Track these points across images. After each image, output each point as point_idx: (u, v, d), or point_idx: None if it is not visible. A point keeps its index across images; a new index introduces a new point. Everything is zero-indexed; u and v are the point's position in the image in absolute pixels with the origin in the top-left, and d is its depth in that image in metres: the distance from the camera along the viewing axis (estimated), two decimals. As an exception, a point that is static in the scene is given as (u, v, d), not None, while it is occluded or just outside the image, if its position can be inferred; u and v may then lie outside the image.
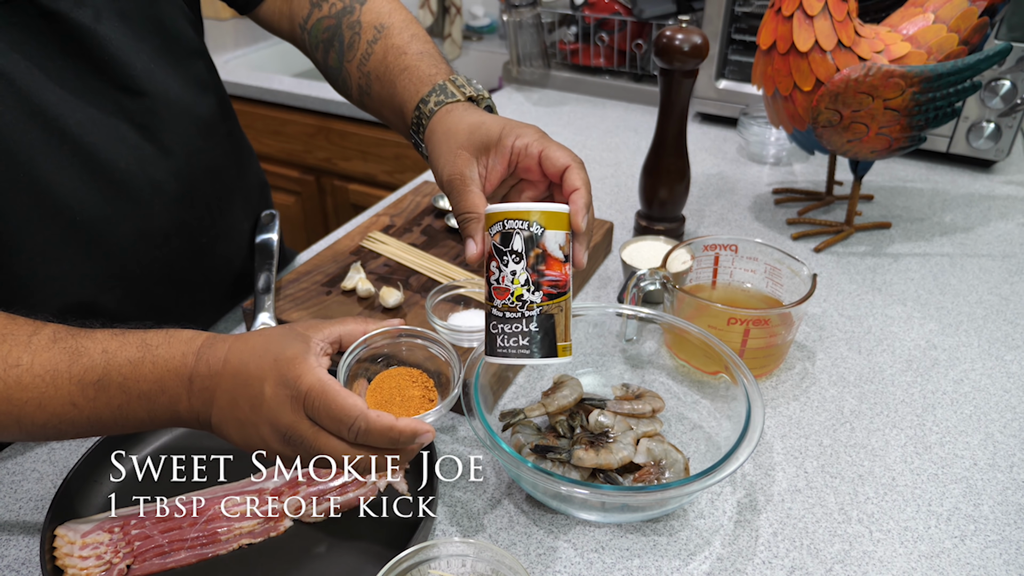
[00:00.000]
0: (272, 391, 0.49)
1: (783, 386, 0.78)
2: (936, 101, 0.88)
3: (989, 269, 0.98)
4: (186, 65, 0.76)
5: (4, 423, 0.52)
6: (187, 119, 0.75)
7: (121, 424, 0.54)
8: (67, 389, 0.52)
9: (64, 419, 0.52)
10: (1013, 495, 0.65)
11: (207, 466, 0.67)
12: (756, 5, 1.29)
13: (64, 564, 0.57)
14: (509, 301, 0.55)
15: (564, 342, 0.55)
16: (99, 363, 0.52)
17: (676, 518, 0.63)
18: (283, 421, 0.49)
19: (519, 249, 0.55)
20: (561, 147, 0.58)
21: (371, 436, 0.49)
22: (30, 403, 0.51)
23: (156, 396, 0.52)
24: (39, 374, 0.51)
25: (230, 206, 0.85)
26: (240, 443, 0.53)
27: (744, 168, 1.27)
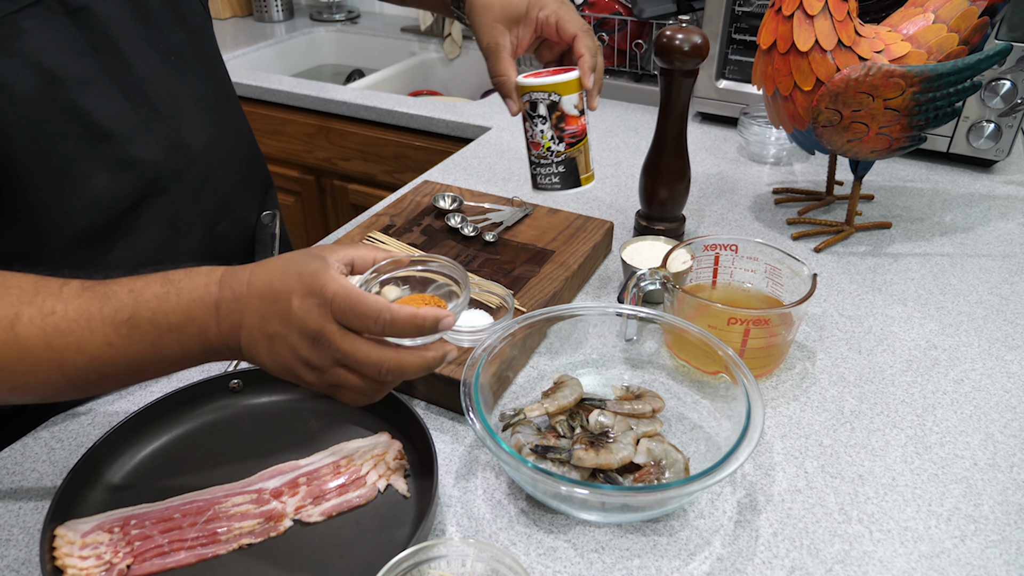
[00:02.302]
0: (299, 302, 0.52)
1: (783, 386, 0.78)
2: (936, 101, 0.88)
3: (989, 269, 0.98)
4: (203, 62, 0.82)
5: (48, 371, 0.54)
6: (201, 112, 0.81)
7: (156, 362, 0.56)
8: (102, 330, 0.54)
9: (103, 360, 0.54)
10: (1013, 495, 0.65)
11: (207, 466, 0.67)
12: (756, 5, 1.29)
13: (64, 564, 0.56)
14: (542, 152, 0.77)
15: (585, 174, 0.78)
16: (128, 302, 0.54)
17: (676, 518, 0.63)
18: (312, 327, 0.52)
19: (544, 114, 0.74)
20: (573, 17, 0.75)
21: (396, 326, 0.52)
22: (69, 347, 0.53)
23: (185, 326, 0.54)
24: (74, 319, 0.53)
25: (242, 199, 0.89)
26: (269, 360, 0.55)
27: (744, 168, 1.27)
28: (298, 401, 0.74)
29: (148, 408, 0.69)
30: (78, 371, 0.55)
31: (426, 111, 1.54)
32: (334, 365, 0.54)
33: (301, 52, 2.20)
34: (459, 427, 0.73)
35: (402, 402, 0.69)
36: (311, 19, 2.28)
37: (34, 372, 0.54)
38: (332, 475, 0.65)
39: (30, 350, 0.53)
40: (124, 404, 0.75)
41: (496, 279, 0.85)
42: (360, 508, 0.63)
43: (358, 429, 0.71)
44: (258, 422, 0.72)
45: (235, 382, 0.73)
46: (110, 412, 0.74)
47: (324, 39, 2.25)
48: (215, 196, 0.85)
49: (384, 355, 0.53)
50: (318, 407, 0.73)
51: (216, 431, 0.71)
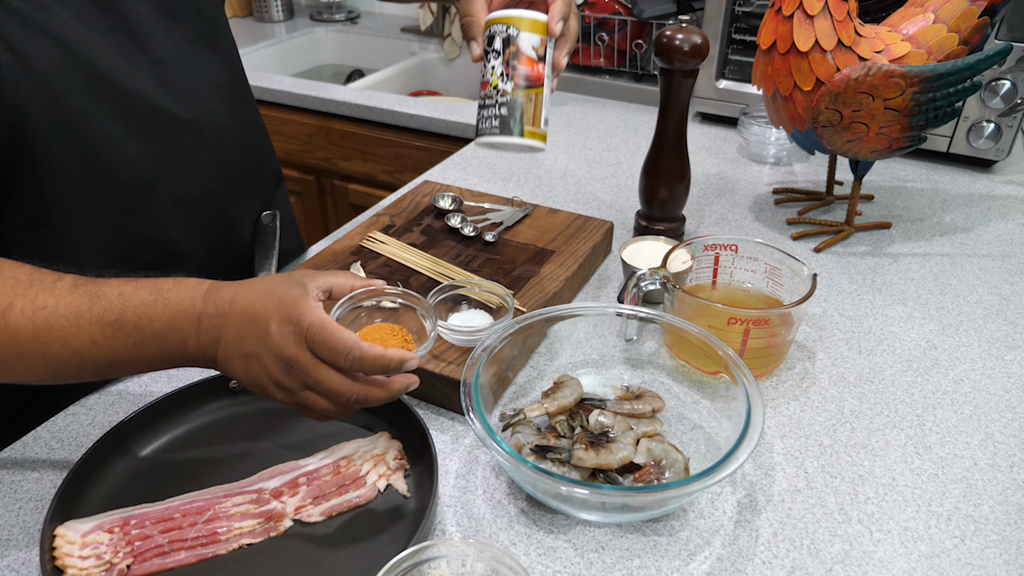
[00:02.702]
0: (277, 327, 0.56)
1: (783, 386, 0.78)
2: (936, 101, 0.88)
3: (989, 269, 0.98)
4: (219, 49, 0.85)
5: (31, 360, 0.57)
6: (215, 96, 0.83)
7: (135, 362, 0.59)
8: (88, 328, 0.57)
9: (85, 356, 0.57)
10: (1013, 495, 0.65)
11: (207, 466, 0.67)
12: (756, 5, 1.29)
13: (64, 564, 0.57)
14: (488, 91, 0.67)
15: (533, 128, 0.67)
16: (116, 305, 0.57)
17: (676, 518, 0.63)
18: (286, 352, 0.56)
19: (498, 48, 0.67)
20: None
21: (365, 363, 0.56)
22: (55, 341, 0.56)
23: (168, 334, 0.58)
24: (63, 315, 0.56)
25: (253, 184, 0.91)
26: (242, 375, 0.58)
27: (744, 168, 1.27)
28: (298, 401, 0.74)
29: (148, 408, 0.69)
30: (60, 364, 0.57)
31: (426, 111, 1.54)
32: (303, 389, 0.57)
33: (301, 52, 2.20)
34: (459, 427, 0.73)
35: (402, 402, 0.69)
36: (311, 19, 2.28)
37: (18, 360, 0.56)
38: (332, 475, 0.65)
39: (18, 340, 0.56)
40: (124, 404, 0.75)
41: (496, 279, 0.85)
42: (360, 508, 0.63)
43: (358, 429, 0.71)
44: (258, 422, 0.72)
45: (235, 382, 0.73)
46: (110, 412, 0.74)
47: (324, 39, 2.25)
48: (224, 180, 0.86)
49: (351, 387, 0.57)
50: (318, 407, 0.73)
51: (216, 431, 0.71)
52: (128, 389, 0.77)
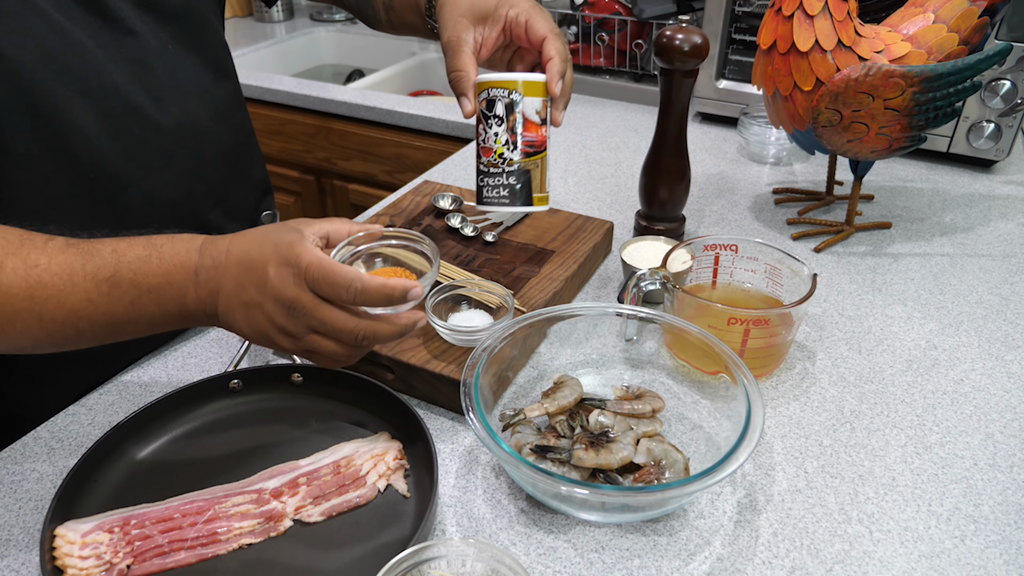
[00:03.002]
0: (275, 271, 0.55)
1: (783, 386, 0.78)
2: (936, 101, 0.88)
3: (989, 269, 0.98)
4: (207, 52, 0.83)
5: (26, 321, 0.55)
6: (198, 99, 0.81)
7: (134, 321, 0.58)
8: (83, 286, 0.55)
9: (82, 316, 0.56)
10: (1013, 495, 0.65)
11: (207, 466, 0.67)
12: (756, 5, 1.29)
13: (64, 564, 0.57)
14: (493, 159, 0.67)
15: (540, 193, 0.68)
16: (110, 261, 0.56)
17: (676, 518, 0.63)
18: (287, 295, 0.55)
19: (501, 114, 0.66)
20: (544, 19, 0.69)
21: (368, 295, 0.55)
22: (50, 300, 0.55)
23: (164, 289, 0.57)
24: (56, 272, 0.55)
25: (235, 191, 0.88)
26: (245, 326, 0.57)
27: (744, 168, 1.27)
28: (298, 401, 0.74)
29: (148, 408, 0.69)
30: (56, 324, 0.56)
31: (426, 111, 1.54)
32: (309, 332, 0.56)
33: (301, 52, 2.20)
34: (459, 427, 0.73)
35: (402, 402, 0.69)
36: (311, 19, 2.28)
37: (12, 321, 0.55)
38: (332, 475, 0.65)
39: (11, 299, 0.54)
40: (124, 404, 0.75)
41: (496, 279, 0.85)
42: (360, 508, 0.63)
43: (358, 429, 0.71)
44: (258, 422, 0.72)
45: (235, 382, 0.73)
46: (110, 412, 0.74)
47: (324, 39, 2.25)
48: (203, 184, 0.84)
49: (358, 324, 0.56)
50: (318, 407, 0.73)
51: (216, 431, 0.71)
52: (128, 389, 0.77)
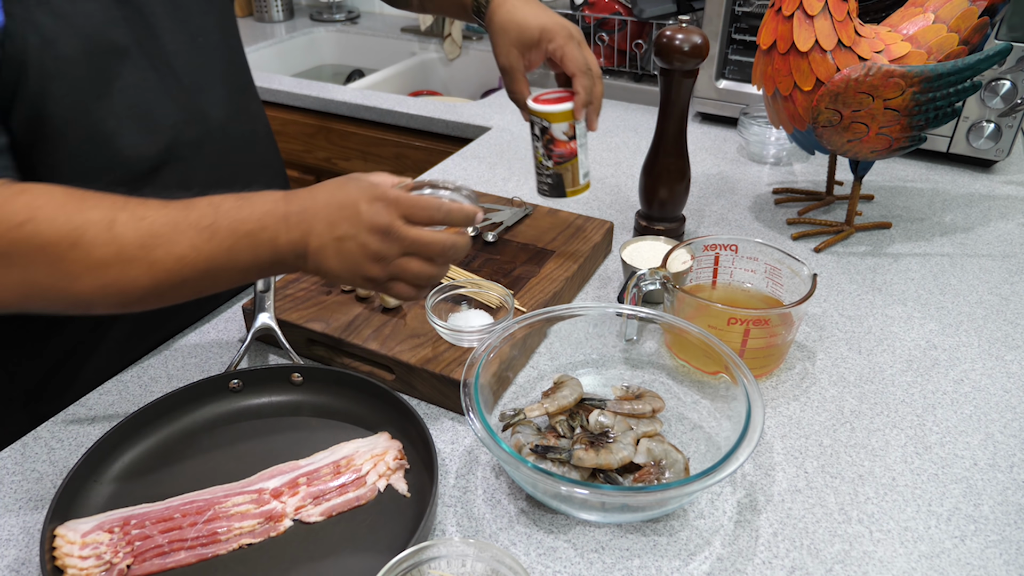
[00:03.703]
0: (367, 206, 0.62)
1: (783, 386, 0.78)
2: (936, 101, 0.88)
3: (989, 269, 0.98)
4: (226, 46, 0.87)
5: (138, 270, 0.60)
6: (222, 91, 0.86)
7: (230, 268, 0.62)
8: (187, 234, 0.60)
9: (186, 263, 0.60)
10: (1013, 495, 0.65)
11: (207, 466, 0.67)
12: (756, 5, 1.29)
13: (64, 564, 0.56)
14: (536, 163, 0.88)
15: (572, 187, 0.88)
16: (209, 212, 0.61)
17: (676, 518, 0.63)
18: (382, 222, 0.61)
19: (538, 134, 0.85)
20: (576, 55, 0.82)
21: (452, 214, 0.64)
22: (159, 248, 0.60)
23: (258, 234, 0.62)
24: (163, 223, 0.60)
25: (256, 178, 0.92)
26: (335, 261, 0.62)
27: (744, 168, 1.27)
28: (298, 401, 0.74)
29: (148, 408, 0.69)
30: (164, 272, 0.60)
31: (426, 111, 1.54)
32: (400, 255, 0.63)
33: (301, 52, 2.20)
34: (459, 427, 0.73)
35: (402, 402, 0.69)
36: (311, 19, 2.28)
37: (126, 271, 0.59)
38: (332, 475, 0.65)
39: (125, 248, 0.59)
40: (124, 404, 0.75)
41: (496, 279, 0.85)
42: (360, 508, 0.63)
43: (358, 429, 0.71)
44: (258, 422, 0.72)
45: (235, 382, 0.73)
46: (110, 412, 0.74)
47: (324, 39, 2.25)
48: (231, 174, 0.88)
49: (444, 237, 0.64)
50: (318, 407, 0.73)
51: (216, 431, 0.71)
52: (128, 389, 0.77)
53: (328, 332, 0.77)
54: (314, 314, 0.80)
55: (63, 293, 0.59)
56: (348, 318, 0.79)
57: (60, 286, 0.59)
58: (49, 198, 0.59)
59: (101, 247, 0.58)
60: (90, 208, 0.59)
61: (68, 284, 0.59)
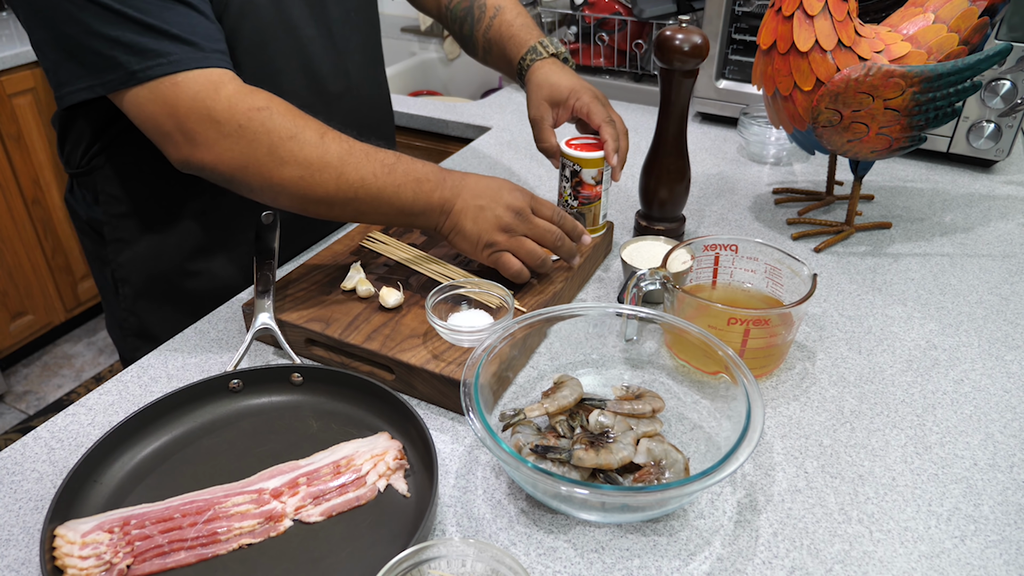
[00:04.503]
0: (509, 193, 0.81)
1: (783, 386, 0.78)
2: (936, 101, 0.88)
3: (989, 269, 0.98)
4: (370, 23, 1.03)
5: (329, 176, 0.75)
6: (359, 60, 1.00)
7: (392, 203, 0.78)
8: (374, 163, 0.77)
9: (364, 184, 0.76)
10: (1013, 495, 0.65)
11: (207, 466, 0.67)
12: (756, 5, 1.29)
13: (64, 564, 0.57)
14: (562, 201, 0.97)
15: (591, 227, 0.96)
16: (392, 156, 0.78)
17: (676, 518, 0.63)
18: (518, 204, 0.80)
19: (568, 176, 0.94)
20: (600, 111, 0.93)
21: (565, 220, 0.85)
22: (350, 164, 0.75)
23: (423, 183, 0.78)
24: (360, 149, 0.77)
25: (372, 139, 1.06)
26: (469, 223, 0.79)
27: (744, 168, 1.27)
28: (298, 401, 0.74)
29: (148, 408, 0.69)
30: (348, 185, 0.75)
31: (426, 111, 1.54)
32: (523, 233, 0.81)
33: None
34: (459, 427, 0.73)
35: (402, 402, 0.69)
36: (311, 19, 2.27)
37: (321, 172, 0.74)
38: (332, 475, 0.65)
39: (328, 154, 0.75)
40: (124, 404, 0.75)
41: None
42: (360, 508, 0.63)
43: (358, 429, 0.71)
44: (258, 422, 0.72)
45: (235, 382, 0.73)
46: (110, 412, 0.74)
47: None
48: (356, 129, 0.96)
49: (557, 231, 0.83)
50: (318, 407, 0.73)
51: (216, 431, 0.71)
52: (128, 389, 0.77)
53: (328, 332, 0.77)
54: (314, 314, 0.80)
55: (268, 175, 0.74)
56: (348, 318, 0.79)
57: (268, 167, 0.73)
58: (279, 101, 0.75)
59: (311, 147, 0.74)
60: (307, 119, 0.75)
61: (275, 168, 0.73)
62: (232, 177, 0.74)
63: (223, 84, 0.73)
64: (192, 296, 0.97)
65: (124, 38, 0.70)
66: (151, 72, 0.71)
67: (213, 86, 0.72)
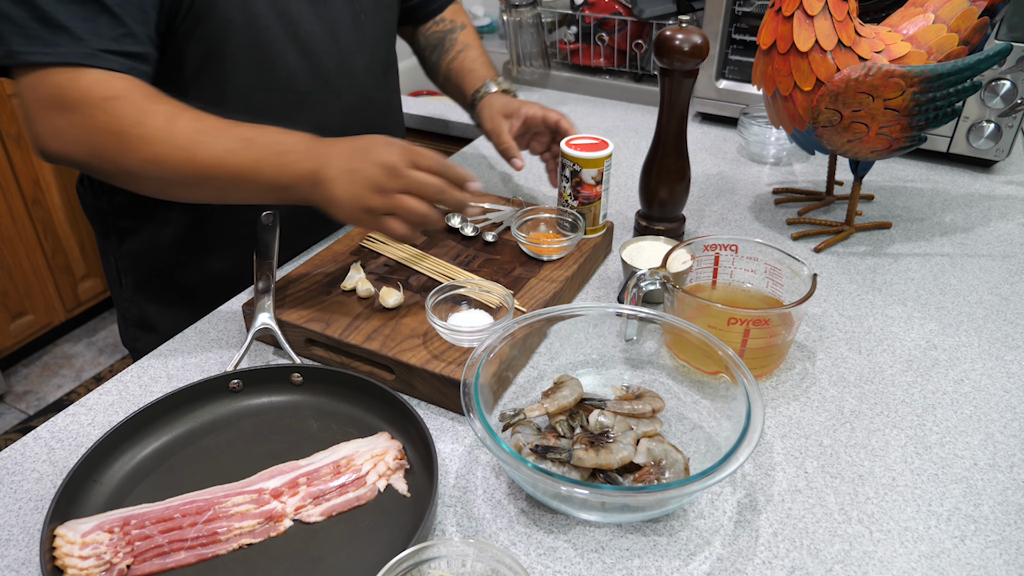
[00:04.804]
0: (383, 147, 0.74)
1: (783, 386, 0.78)
2: (936, 101, 0.88)
3: (989, 269, 0.98)
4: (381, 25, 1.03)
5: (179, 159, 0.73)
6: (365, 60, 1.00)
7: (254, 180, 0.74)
8: (229, 139, 0.74)
9: (220, 163, 0.73)
10: (1013, 495, 0.65)
11: (207, 466, 0.67)
12: (756, 5, 1.29)
13: (64, 564, 0.57)
14: (561, 201, 0.97)
15: (591, 227, 0.96)
16: (252, 130, 0.75)
17: (676, 518, 0.63)
18: (390, 160, 0.73)
19: (568, 176, 0.94)
20: (552, 111, 0.99)
21: (448, 167, 0.75)
22: (202, 144, 0.73)
23: (285, 155, 0.74)
24: (214, 126, 0.75)
25: None
26: (342, 191, 0.73)
27: (744, 168, 1.27)
28: (298, 401, 0.74)
29: (148, 408, 0.69)
30: (201, 165, 0.73)
31: (426, 111, 1.54)
32: (400, 191, 0.73)
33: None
34: (459, 427, 0.73)
35: (402, 402, 0.69)
36: (311, 19, 2.27)
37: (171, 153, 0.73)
38: (332, 475, 0.65)
39: (177, 136, 0.73)
40: (124, 404, 0.75)
41: (496, 279, 0.85)
42: (360, 508, 0.63)
43: (358, 429, 0.71)
44: (258, 422, 0.72)
45: (235, 382, 0.73)
46: (110, 412, 0.74)
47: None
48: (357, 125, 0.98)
49: (438, 181, 0.74)
50: (318, 407, 0.73)
51: (216, 431, 0.71)
52: (128, 389, 0.77)
53: (328, 332, 0.77)
54: (314, 314, 0.80)
55: (119, 162, 0.74)
56: (348, 318, 0.79)
57: (118, 154, 0.73)
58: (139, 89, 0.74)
59: (157, 130, 0.73)
60: (163, 104, 0.74)
61: (124, 155, 0.73)
62: (88, 165, 0.76)
63: (83, 75, 0.72)
64: (189, 289, 0.99)
65: (19, 18, 0.71)
66: (30, 57, 0.72)
67: (73, 78, 0.72)
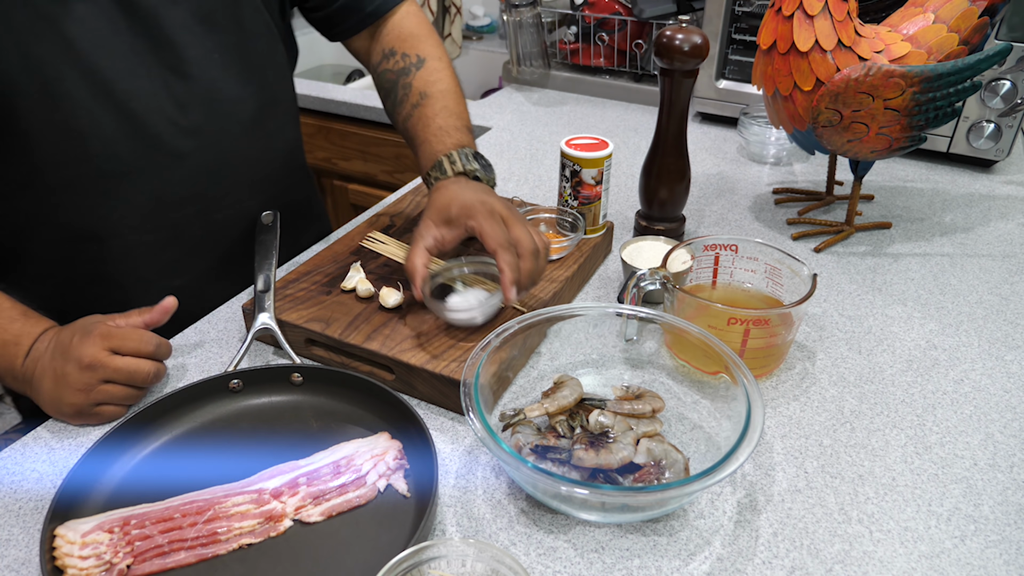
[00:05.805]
0: (78, 340, 0.70)
1: (783, 386, 0.78)
2: (936, 101, 0.88)
3: (989, 269, 0.98)
4: (250, 67, 0.89)
5: None
6: (231, 107, 0.89)
7: None
8: None
9: None
10: (1013, 495, 0.65)
11: (207, 466, 0.67)
12: (756, 5, 1.29)
13: (64, 564, 0.57)
14: (561, 201, 0.97)
15: (592, 226, 0.96)
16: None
17: (676, 518, 0.63)
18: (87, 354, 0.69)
19: (568, 176, 0.94)
20: (495, 233, 0.74)
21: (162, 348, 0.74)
22: None
23: (9, 347, 0.71)
24: None
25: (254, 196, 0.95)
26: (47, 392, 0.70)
27: (744, 168, 1.27)
28: (298, 401, 0.74)
29: (148, 408, 0.69)
30: None
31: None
32: (101, 383, 0.69)
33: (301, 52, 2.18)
34: (459, 427, 0.73)
35: (402, 402, 0.69)
36: (311, 19, 2.27)
37: None
38: (332, 475, 0.65)
39: None
40: (124, 404, 0.75)
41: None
42: (360, 508, 0.63)
43: (358, 429, 0.71)
44: (258, 422, 0.72)
45: (235, 382, 0.73)
46: (110, 412, 0.74)
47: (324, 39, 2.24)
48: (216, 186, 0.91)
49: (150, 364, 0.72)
50: (318, 407, 0.73)
51: (216, 431, 0.71)
52: (128, 389, 0.77)
53: (328, 332, 0.77)
54: (314, 314, 0.80)
55: None
56: (348, 318, 0.79)
57: None
58: None
59: None
60: None
61: None
62: None
63: None
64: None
65: None
66: None
67: None
